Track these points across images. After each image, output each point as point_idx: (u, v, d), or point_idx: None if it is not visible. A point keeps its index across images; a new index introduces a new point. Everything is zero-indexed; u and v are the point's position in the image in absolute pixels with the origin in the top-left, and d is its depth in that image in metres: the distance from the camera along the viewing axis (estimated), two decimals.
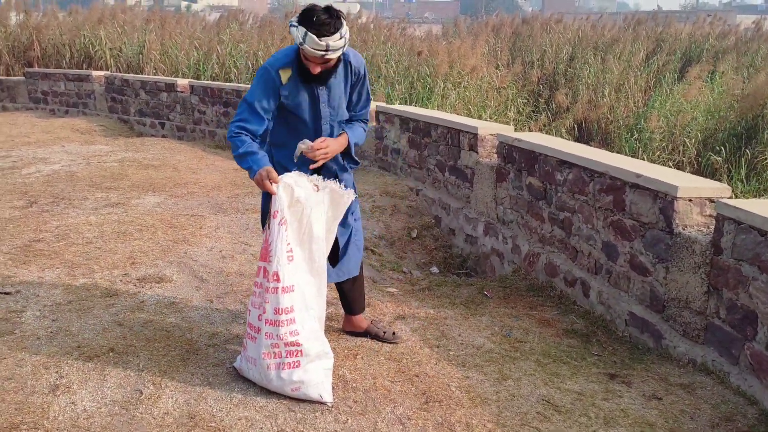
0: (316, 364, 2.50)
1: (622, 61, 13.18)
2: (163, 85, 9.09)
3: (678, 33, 15.68)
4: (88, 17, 13.06)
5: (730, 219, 2.83)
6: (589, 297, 3.81)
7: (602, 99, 11.78)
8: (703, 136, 9.47)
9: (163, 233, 4.27)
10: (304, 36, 2.40)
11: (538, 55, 13.76)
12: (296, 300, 2.45)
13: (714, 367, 2.91)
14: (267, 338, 2.44)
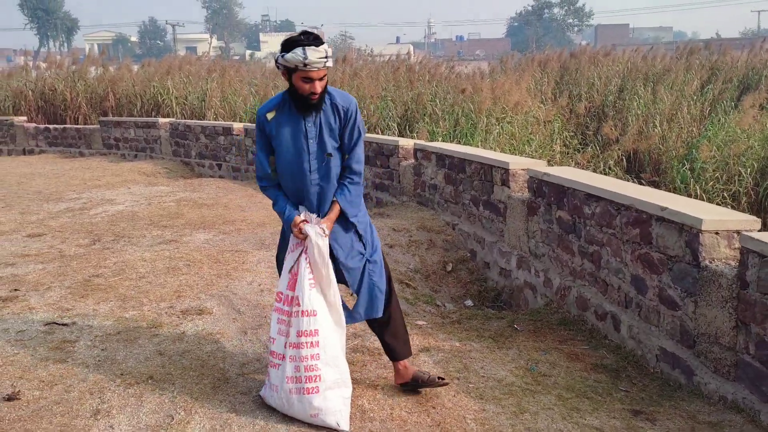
0: (335, 392, 2.57)
1: (674, 90, 12.89)
2: (221, 129, 9.58)
3: (734, 61, 15.21)
4: (158, 69, 13.97)
5: (754, 252, 2.76)
6: (619, 331, 3.73)
7: (653, 129, 11.52)
8: (760, 165, 9.09)
9: (209, 268, 4.49)
10: (304, 53, 2.50)
11: (586, 88, 13.63)
12: (318, 325, 2.55)
13: (744, 405, 2.80)
14: (291, 361, 2.55)
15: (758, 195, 8.77)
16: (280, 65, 2.59)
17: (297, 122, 2.69)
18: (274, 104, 2.74)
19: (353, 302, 2.82)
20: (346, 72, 12.70)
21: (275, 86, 12.03)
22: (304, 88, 2.60)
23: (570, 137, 11.68)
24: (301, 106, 2.65)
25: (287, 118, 2.70)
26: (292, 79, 2.61)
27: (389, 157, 6.96)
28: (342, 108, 2.72)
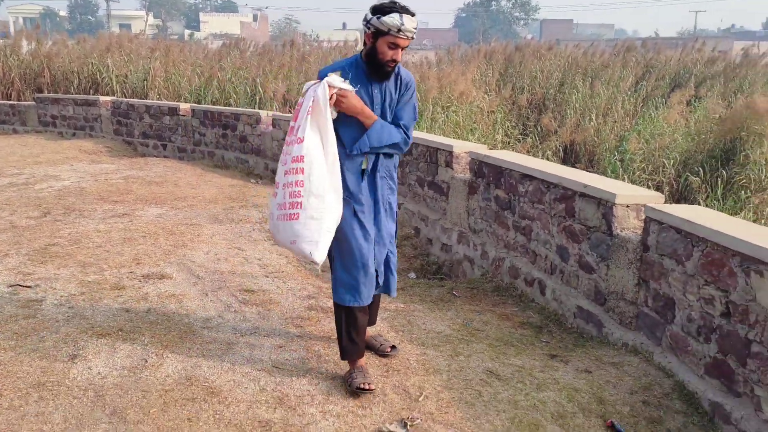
0: (316, 222, 2.59)
1: (610, 86, 13.81)
2: (166, 108, 9.71)
3: (668, 59, 16.34)
4: (96, 46, 13.80)
5: (655, 221, 3.35)
6: (545, 295, 4.30)
7: (589, 122, 12.36)
8: (682, 158, 10.00)
9: (164, 239, 4.78)
10: (401, 19, 2.59)
11: (529, 81, 14.39)
12: (306, 151, 2.56)
13: (642, 349, 3.39)
14: (283, 188, 2.62)
15: (679, 185, 9.68)
16: (372, 26, 2.63)
17: (365, 86, 2.75)
18: (340, 66, 2.78)
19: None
20: (294, 56, 12.97)
21: (221, 67, 12.17)
22: (386, 54, 2.66)
23: (512, 128, 12.39)
24: (375, 71, 2.71)
25: (354, 80, 2.73)
26: (377, 42, 2.66)
27: None
28: (404, 81, 2.82)
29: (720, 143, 9.89)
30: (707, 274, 2.94)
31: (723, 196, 9.18)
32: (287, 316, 3.62)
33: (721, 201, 9.11)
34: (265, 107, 10.71)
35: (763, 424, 2.61)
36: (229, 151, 8.94)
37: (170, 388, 2.73)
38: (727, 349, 2.82)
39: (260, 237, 5.13)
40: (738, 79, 14.52)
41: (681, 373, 3.10)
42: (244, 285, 4.04)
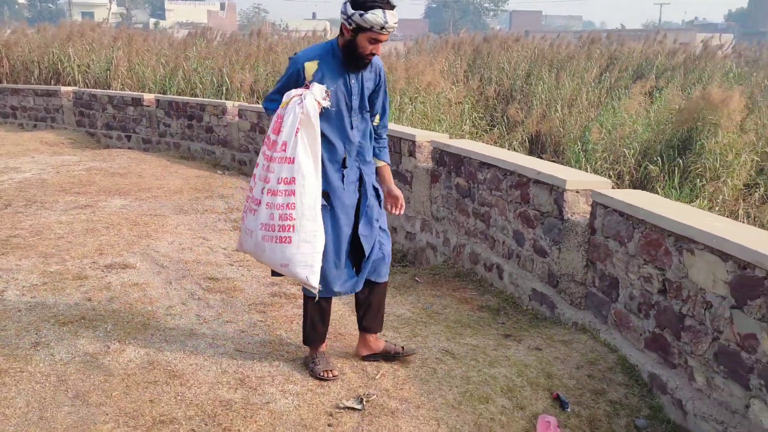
0: (310, 245, 2.55)
1: (575, 77, 14.10)
2: (130, 99, 9.65)
3: (631, 51, 16.72)
4: (57, 35, 13.56)
5: (601, 205, 3.53)
6: (502, 279, 4.48)
7: (555, 113, 12.63)
8: (642, 148, 10.31)
9: (128, 230, 4.83)
10: (384, 16, 2.53)
11: (496, 72, 14.60)
12: (298, 173, 2.51)
13: (590, 327, 3.58)
14: (267, 208, 2.54)
15: (639, 174, 10.00)
16: (353, 21, 2.56)
17: (342, 77, 2.70)
18: (316, 54, 2.70)
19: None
20: (261, 46, 12.94)
21: (186, 57, 12.10)
22: (367, 48, 2.62)
23: (479, 118, 12.59)
24: (353, 62, 2.67)
25: (331, 71, 2.68)
26: (357, 38, 2.60)
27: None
28: (377, 67, 2.80)
29: (677, 133, 10.22)
30: (646, 254, 3.13)
31: (680, 184, 9.52)
32: (251, 302, 3.72)
33: (678, 189, 9.45)
34: (232, 98, 10.70)
35: (696, 393, 2.81)
36: (195, 142, 8.94)
37: (132, 372, 2.82)
38: (663, 323, 3.02)
39: (226, 227, 5.20)
40: (697, 71, 14.96)
41: (624, 348, 3.30)
42: (209, 273, 4.12)
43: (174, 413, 2.52)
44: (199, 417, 2.50)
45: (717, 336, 2.68)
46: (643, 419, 2.93)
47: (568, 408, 2.89)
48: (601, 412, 2.93)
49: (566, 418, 2.85)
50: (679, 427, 2.87)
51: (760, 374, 2.46)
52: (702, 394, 2.78)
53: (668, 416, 2.93)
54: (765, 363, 2.43)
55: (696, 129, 10.09)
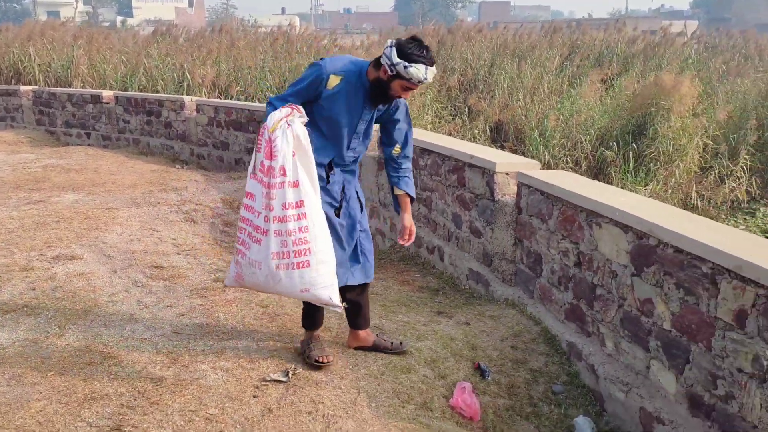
0: (327, 265, 2.53)
1: (537, 66, 14.33)
2: (89, 96, 9.64)
3: (592, 40, 17.02)
4: (18, 34, 13.43)
5: (525, 185, 3.71)
6: (443, 260, 4.65)
7: (516, 102, 12.85)
8: (599, 134, 10.57)
9: (78, 223, 4.90)
10: (426, 74, 2.60)
11: (459, 63, 14.78)
12: (303, 195, 2.49)
13: (518, 302, 3.77)
14: (276, 236, 2.47)
15: (596, 159, 10.26)
16: (394, 69, 2.59)
17: (357, 100, 2.73)
18: (343, 69, 2.70)
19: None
20: (222, 42, 12.95)
21: (147, 54, 12.08)
22: (397, 93, 2.70)
23: (441, 108, 12.76)
24: (377, 98, 2.73)
25: (352, 91, 2.71)
26: (393, 82, 2.65)
27: (260, 123, 7.52)
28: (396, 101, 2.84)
29: (632, 119, 10.50)
30: (563, 230, 3.32)
31: (635, 169, 9.80)
32: (193, 287, 3.84)
33: (633, 173, 9.73)
34: (194, 93, 10.73)
35: (606, 358, 3.01)
36: (155, 137, 8.97)
37: (69, 355, 2.92)
38: (579, 294, 3.21)
39: (177, 218, 5.29)
40: (657, 58, 15.30)
41: (547, 320, 3.49)
42: (155, 262, 4.23)
43: (105, 390, 2.63)
44: (130, 393, 2.62)
45: (622, 303, 2.88)
46: (560, 385, 3.12)
47: (488, 377, 3.07)
48: (520, 379, 3.11)
49: (486, 385, 3.02)
50: (592, 391, 3.06)
51: (656, 336, 2.66)
52: (611, 359, 2.97)
53: (583, 381, 3.12)
54: (660, 326, 2.62)
55: (650, 114, 10.37)
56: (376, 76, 2.69)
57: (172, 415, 2.49)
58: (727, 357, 2.25)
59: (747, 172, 9.62)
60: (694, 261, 2.38)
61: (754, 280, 2.11)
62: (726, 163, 9.73)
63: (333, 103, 2.71)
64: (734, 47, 17.12)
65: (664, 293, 2.56)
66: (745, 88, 11.56)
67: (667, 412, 2.55)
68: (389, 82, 2.66)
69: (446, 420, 2.70)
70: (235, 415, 2.51)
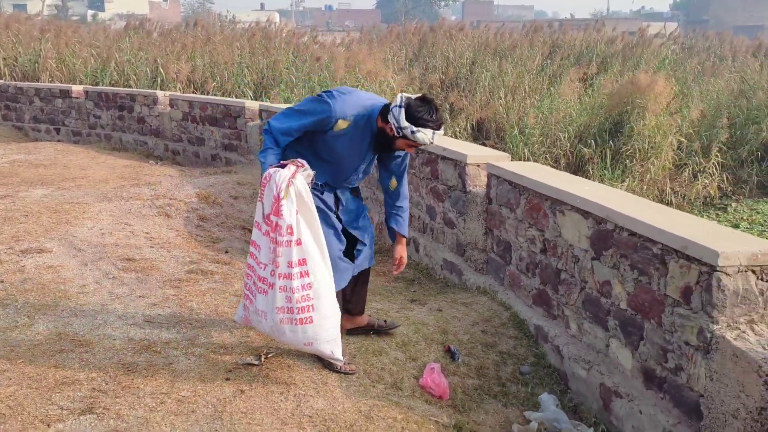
0: (330, 320, 2.68)
1: (518, 65, 14.58)
2: (58, 91, 9.64)
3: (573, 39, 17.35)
4: None
5: (495, 175, 3.87)
6: (419, 252, 4.80)
7: (498, 100, 13.07)
8: (577, 131, 10.82)
9: (47, 218, 4.95)
10: (433, 137, 2.71)
11: (441, 61, 14.99)
12: (308, 254, 2.60)
13: (489, 289, 3.92)
14: (281, 292, 2.61)
15: (574, 156, 10.50)
16: (401, 131, 2.68)
17: (363, 143, 2.83)
18: (352, 115, 2.75)
19: None
20: (198, 37, 12.99)
21: (119, 48, 12.08)
22: (401, 149, 2.82)
23: None
24: (381, 147, 2.86)
25: (359, 135, 2.79)
26: (398, 140, 2.74)
27: (236, 119, 7.62)
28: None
29: (610, 117, 10.77)
30: (530, 218, 3.48)
31: (612, 165, 10.06)
32: (166, 279, 3.93)
33: (610, 170, 9.99)
34: (168, 89, 10.76)
35: (570, 338, 3.17)
36: (127, 133, 9.01)
37: (39, 343, 3.01)
38: (545, 279, 3.37)
39: (150, 213, 5.36)
40: (635, 58, 15.65)
41: (516, 305, 3.65)
42: (127, 255, 4.30)
43: (77, 376, 2.72)
44: (101, 378, 2.72)
45: (584, 286, 3.04)
46: (527, 366, 3.28)
47: (458, 359, 3.21)
48: (490, 361, 3.26)
49: (456, 367, 3.17)
50: (557, 370, 3.23)
51: (615, 316, 2.82)
52: (575, 339, 3.14)
53: (549, 362, 3.28)
54: (618, 306, 2.79)
55: (626, 113, 10.65)
56: (383, 128, 2.77)
57: (144, 398, 2.59)
58: (675, 332, 2.42)
59: (719, 168, 9.94)
60: (646, 243, 2.55)
61: (698, 259, 2.28)
62: (699, 160, 10.04)
63: (337, 140, 2.80)
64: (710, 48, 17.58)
65: (620, 275, 2.73)
66: (719, 88, 11.91)
67: (624, 387, 2.72)
68: (395, 140, 2.75)
69: (416, 398, 2.83)
70: (207, 397, 2.62)
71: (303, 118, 2.78)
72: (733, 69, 14.28)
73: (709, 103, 11.09)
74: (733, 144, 10.42)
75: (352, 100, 2.78)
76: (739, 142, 10.51)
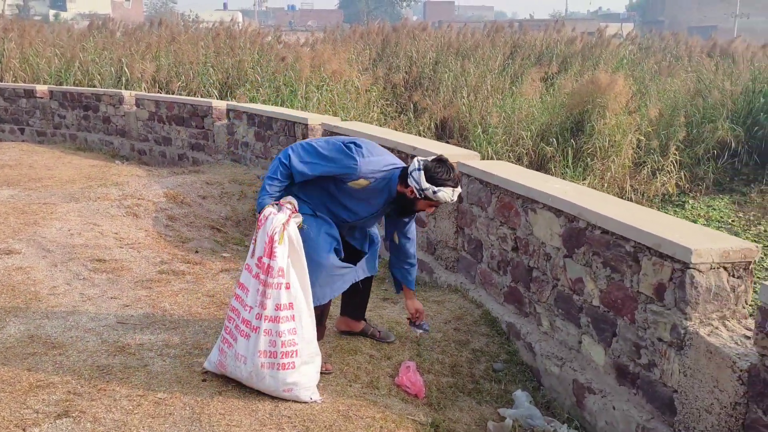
0: (309, 366, 2.63)
1: (481, 65, 14.69)
2: (22, 91, 9.33)
3: (533, 40, 17.57)
4: None
5: (466, 174, 3.88)
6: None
7: (461, 99, 13.15)
8: (539, 130, 10.96)
9: (14, 218, 4.78)
10: (452, 196, 2.73)
11: (404, 60, 15.00)
12: (295, 298, 2.58)
13: (461, 287, 3.94)
14: (266, 335, 2.55)
15: (537, 155, 10.64)
16: (423, 193, 2.69)
17: (379, 201, 2.83)
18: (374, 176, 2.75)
19: None
20: (162, 36, 12.72)
21: (83, 48, 11.75)
22: (422, 209, 2.84)
23: (387, 105, 12.93)
24: (401, 211, 2.89)
25: (376, 193, 2.80)
26: (419, 202, 2.76)
27: (203, 118, 7.49)
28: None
29: (571, 116, 10.94)
30: (501, 216, 3.50)
31: (573, 163, 10.22)
32: (137, 279, 3.84)
33: (572, 168, 10.14)
34: (132, 88, 10.51)
35: (542, 335, 3.20)
36: (93, 132, 8.77)
37: (11, 346, 2.90)
38: (517, 277, 3.40)
39: (118, 213, 5.23)
40: (594, 58, 15.93)
41: (488, 303, 3.67)
42: (97, 256, 4.19)
43: (51, 379, 2.64)
44: (76, 381, 2.63)
45: (556, 283, 3.07)
46: (500, 363, 3.29)
47: (426, 327, 3.19)
48: (463, 359, 3.27)
49: (430, 365, 3.16)
50: (530, 367, 3.25)
51: (587, 313, 2.86)
52: (547, 336, 3.17)
53: (522, 359, 3.31)
54: (590, 303, 2.82)
55: (587, 112, 10.83)
56: (403, 192, 2.78)
57: (120, 401, 2.52)
58: (648, 328, 2.46)
59: (677, 166, 10.18)
60: (619, 241, 2.59)
61: (671, 256, 2.32)
62: (657, 158, 10.26)
63: (354, 192, 2.80)
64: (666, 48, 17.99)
65: (593, 272, 2.77)
66: (675, 87, 12.20)
67: (597, 383, 2.76)
68: (416, 202, 2.77)
69: (392, 397, 2.82)
70: (184, 398, 2.56)
71: (326, 166, 2.75)
72: (689, 69, 14.64)
73: (666, 102, 11.35)
74: (690, 142, 10.69)
75: (378, 162, 2.79)
76: (695, 141, 10.79)
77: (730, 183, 10.63)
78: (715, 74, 13.25)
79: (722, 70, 13.70)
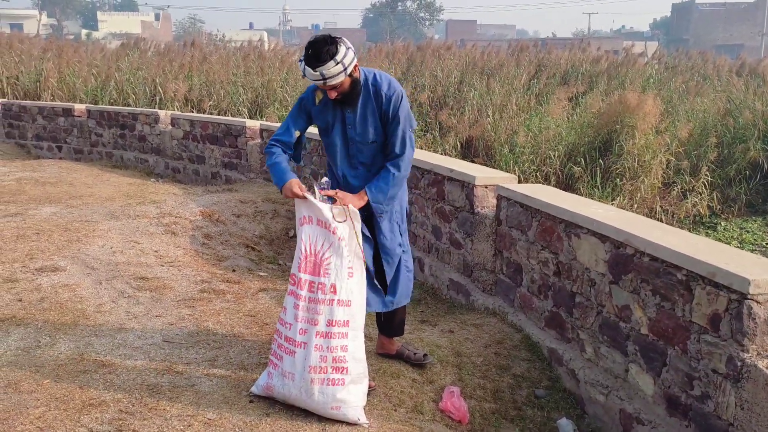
0: (358, 386, 2.61)
1: (505, 84, 14.70)
2: (61, 110, 9.55)
3: (558, 59, 17.54)
4: None
5: (504, 197, 3.88)
6: (424, 271, 4.78)
7: (486, 118, 13.15)
8: (567, 150, 10.90)
9: (59, 236, 4.88)
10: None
11: (429, 79, 15.07)
12: (351, 315, 2.57)
13: (499, 311, 3.91)
14: (316, 350, 2.54)
15: (564, 175, 10.57)
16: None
17: (338, 108, 2.84)
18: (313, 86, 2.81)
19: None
20: (195, 56, 12.97)
21: (118, 68, 12.02)
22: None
23: None
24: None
25: (332, 103, 2.82)
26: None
27: (237, 137, 7.59)
28: (385, 95, 2.80)
29: (599, 136, 10.87)
30: (543, 241, 3.48)
31: (602, 184, 10.13)
32: (180, 298, 3.88)
33: (600, 188, 10.06)
34: (166, 107, 10.71)
35: (586, 362, 3.16)
36: (128, 151, 8.93)
37: (63, 363, 2.95)
38: (559, 302, 3.37)
39: (157, 231, 5.30)
40: (619, 77, 15.85)
41: (528, 327, 3.64)
42: (139, 273, 4.25)
43: (103, 397, 2.67)
44: (127, 399, 2.66)
45: (600, 310, 3.04)
46: (542, 389, 3.26)
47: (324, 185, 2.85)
48: (504, 384, 3.24)
49: (472, 390, 3.14)
50: (573, 395, 3.21)
51: (634, 341, 2.82)
52: (591, 363, 3.13)
53: (564, 385, 3.27)
54: (638, 331, 2.79)
55: (615, 131, 10.75)
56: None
57: (171, 420, 2.54)
58: (702, 359, 2.42)
59: (708, 187, 10.04)
60: (670, 269, 2.56)
61: (726, 286, 2.29)
62: (688, 179, 10.13)
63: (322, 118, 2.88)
64: (693, 68, 17.82)
65: (641, 299, 2.73)
66: (705, 107, 12.06)
67: (646, 413, 2.71)
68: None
69: (436, 422, 2.81)
70: (233, 419, 2.57)
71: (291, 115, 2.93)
72: (718, 88, 14.48)
73: (696, 123, 11.22)
74: (721, 163, 10.54)
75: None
76: (726, 161, 10.64)
77: (763, 204, 10.44)
78: (745, 94, 13.07)
79: (752, 90, 13.52)
